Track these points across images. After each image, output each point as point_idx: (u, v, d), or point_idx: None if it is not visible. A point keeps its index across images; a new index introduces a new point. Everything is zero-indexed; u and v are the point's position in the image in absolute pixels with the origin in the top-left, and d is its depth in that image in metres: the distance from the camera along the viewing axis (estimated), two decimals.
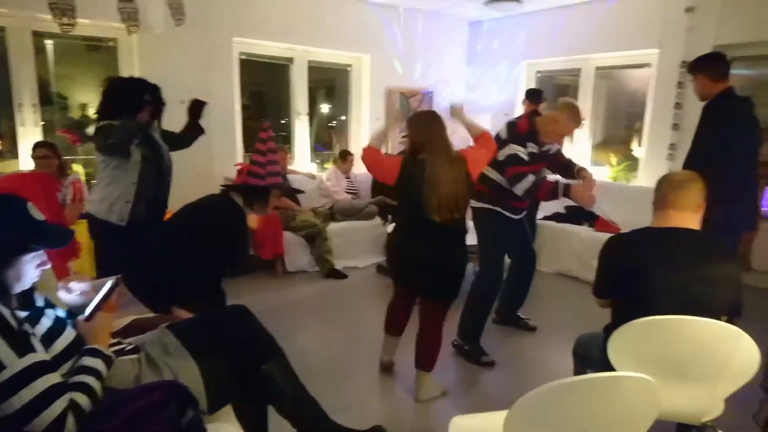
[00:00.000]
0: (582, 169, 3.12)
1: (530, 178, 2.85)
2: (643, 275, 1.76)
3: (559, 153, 3.18)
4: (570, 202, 5.15)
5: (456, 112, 2.76)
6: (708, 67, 2.90)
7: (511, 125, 3.00)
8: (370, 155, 2.54)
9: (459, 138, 2.77)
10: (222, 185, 2.58)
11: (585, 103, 5.65)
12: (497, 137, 2.97)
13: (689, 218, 1.83)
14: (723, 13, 4.37)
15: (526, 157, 2.87)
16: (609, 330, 1.82)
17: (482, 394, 2.79)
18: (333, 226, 4.81)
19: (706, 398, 1.75)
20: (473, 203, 3.12)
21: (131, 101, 2.60)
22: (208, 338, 1.74)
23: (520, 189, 2.86)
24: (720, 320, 1.69)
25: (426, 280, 2.50)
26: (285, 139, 5.67)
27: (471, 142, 2.67)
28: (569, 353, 2.24)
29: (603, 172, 5.58)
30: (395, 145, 5.92)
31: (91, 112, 2.85)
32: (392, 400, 2.69)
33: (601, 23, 5.22)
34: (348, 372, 2.90)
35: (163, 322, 1.81)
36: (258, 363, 1.76)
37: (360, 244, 4.95)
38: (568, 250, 4.69)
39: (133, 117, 2.57)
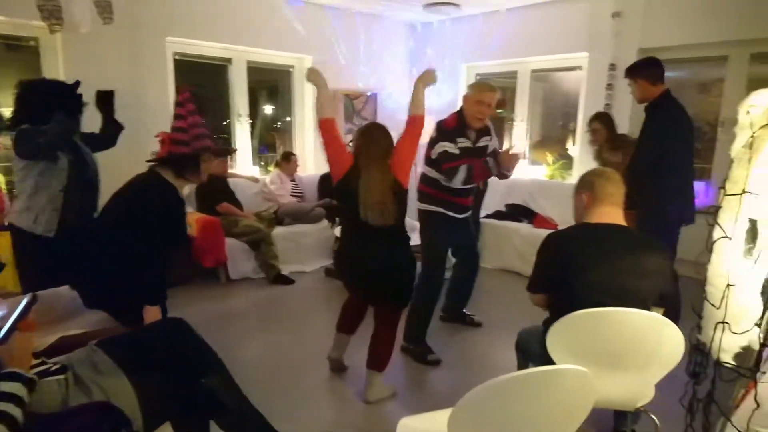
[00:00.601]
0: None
1: (463, 168, 2.91)
2: (578, 270, 1.83)
3: (495, 150, 3.22)
4: (511, 200, 5.38)
5: (427, 76, 2.74)
6: (647, 72, 3.07)
7: (440, 123, 3.05)
8: (328, 127, 2.51)
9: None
10: (148, 160, 2.34)
11: (522, 104, 5.86)
12: (430, 139, 3.04)
13: (619, 214, 1.92)
14: (647, 18, 4.65)
15: (456, 152, 2.93)
16: (548, 324, 1.88)
17: (431, 393, 2.81)
18: (278, 231, 4.72)
19: (639, 385, 1.84)
20: (418, 205, 3.17)
21: (47, 104, 2.42)
22: (143, 354, 1.66)
23: (457, 182, 2.94)
24: (650, 310, 1.79)
25: (370, 285, 2.53)
26: (226, 141, 5.51)
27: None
28: (514, 347, 2.30)
29: (540, 171, 5.80)
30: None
31: (6, 116, 2.63)
32: (342, 403, 2.66)
33: (535, 27, 5.42)
34: (296, 378, 2.84)
35: (93, 339, 1.70)
36: (197, 377, 1.69)
37: (307, 247, 4.89)
38: (510, 247, 4.84)
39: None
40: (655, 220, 3.01)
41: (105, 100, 2.89)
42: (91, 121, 2.83)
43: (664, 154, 2.97)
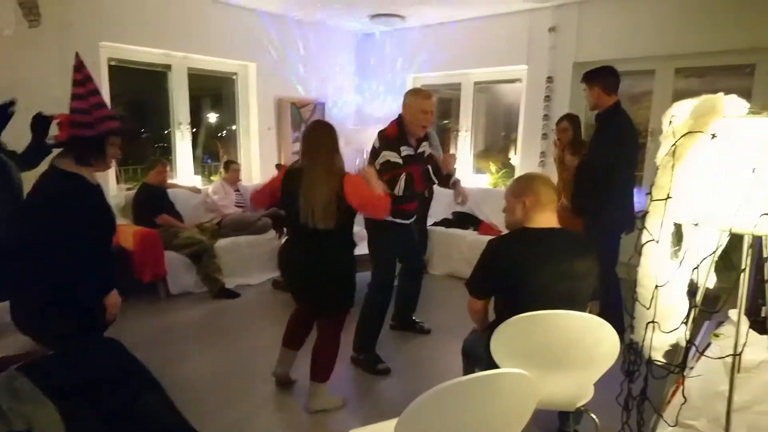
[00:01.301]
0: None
1: (402, 177, 2.91)
2: (520, 275, 1.88)
3: (431, 154, 3.23)
4: (457, 208, 5.48)
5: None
6: (603, 80, 3.13)
7: (382, 133, 3.04)
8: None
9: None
10: (50, 144, 2.12)
11: (466, 115, 6.00)
12: (372, 148, 3.04)
13: (556, 218, 1.98)
14: (580, 33, 4.90)
15: (399, 161, 2.93)
16: (492, 328, 1.92)
17: (380, 402, 2.79)
18: (222, 242, 4.57)
19: (579, 385, 1.91)
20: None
21: None
22: (72, 377, 1.55)
23: (399, 189, 2.93)
24: (585, 309, 1.86)
25: (309, 289, 2.52)
26: (166, 150, 5.30)
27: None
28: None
29: (484, 180, 5.95)
30: (289, 155, 5.82)
31: None
32: (289, 417, 2.60)
33: (477, 41, 5.58)
34: (242, 394, 2.75)
35: (13, 363, 1.57)
36: (132, 399, 1.59)
37: (253, 259, 4.76)
38: (457, 253, 4.94)
39: None
40: (600, 226, 3.14)
41: (41, 124, 2.66)
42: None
43: (611, 164, 3.09)
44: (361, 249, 4.04)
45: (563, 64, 5.03)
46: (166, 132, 5.33)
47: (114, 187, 4.74)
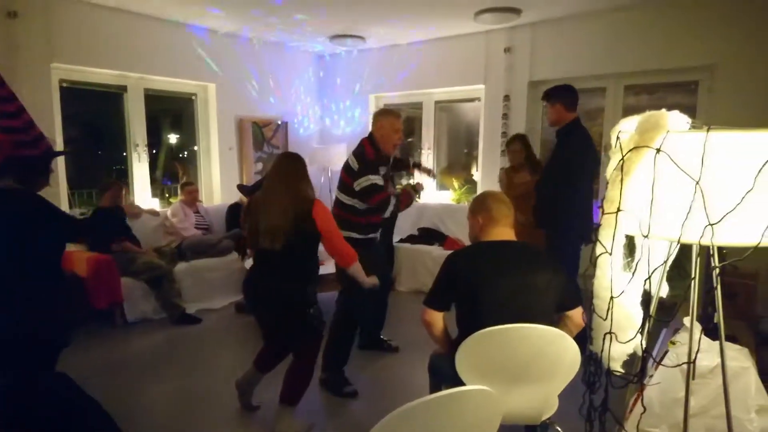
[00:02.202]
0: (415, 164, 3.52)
1: (392, 201, 2.98)
2: (475, 284, 1.90)
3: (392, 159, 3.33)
4: (422, 224, 5.55)
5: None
6: (565, 97, 3.27)
7: (362, 155, 3.03)
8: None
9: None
10: None
11: (428, 133, 6.09)
12: (348, 168, 3.03)
13: (512, 233, 2.04)
14: (534, 53, 5.06)
15: (381, 183, 2.97)
16: (456, 344, 1.91)
17: (347, 426, 2.73)
18: (181, 267, 4.44)
19: (543, 397, 1.92)
20: None
21: None
22: (17, 416, 1.45)
23: (388, 212, 2.99)
24: (552, 321, 1.88)
25: (271, 318, 2.49)
26: (122, 172, 5.14)
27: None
28: None
29: (447, 196, 6.02)
30: (251, 175, 5.75)
31: None
32: None
33: (436, 61, 5.70)
34: (203, 423, 2.65)
35: None
36: None
37: (214, 283, 4.64)
38: (423, 269, 4.97)
39: None
40: (561, 238, 3.22)
41: None
42: None
43: (571, 177, 3.19)
44: (328, 268, 4.02)
45: (519, 83, 5.18)
46: (124, 154, 5.18)
47: (66, 211, 4.55)
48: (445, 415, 1.30)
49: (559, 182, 3.24)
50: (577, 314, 1.97)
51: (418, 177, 4.00)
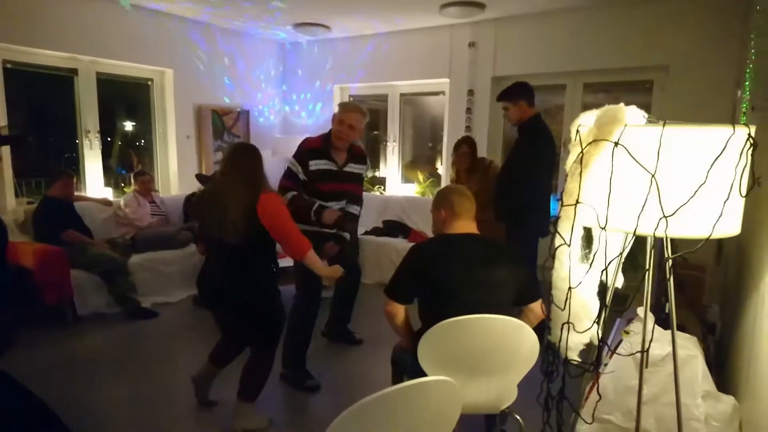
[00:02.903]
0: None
1: (289, 195, 2.87)
2: (436, 274, 1.93)
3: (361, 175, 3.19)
4: (387, 217, 5.54)
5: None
6: (527, 94, 3.35)
7: (303, 141, 2.99)
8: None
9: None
10: None
11: (393, 126, 6.08)
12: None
13: (474, 226, 2.07)
14: (497, 49, 5.12)
15: (297, 169, 2.91)
16: (418, 336, 1.92)
17: (311, 420, 2.71)
18: (136, 259, 4.28)
19: (503, 387, 1.94)
20: None
21: None
22: None
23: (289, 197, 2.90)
24: (512, 313, 1.91)
25: (224, 310, 2.44)
26: (73, 160, 4.90)
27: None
28: None
29: (412, 188, 6.04)
30: (210, 164, 5.60)
31: None
32: None
33: (401, 53, 5.68)
34: (159, 421, 2.57)
35: None
36: None
37: (171, 276, 4.49)
38: (387, 261, 4.97)
39: None
40: (520, 231, 3.27)
41: None
42: None
43: (530, 171, 3.26)
44: (287, 261, 3.95)
45: (483, 77, 5.23)
46: (77, 141, 4.93)
47: (12, 201, 4.31)
48: (406, 407, 1.29)
49: (519, 176, 3.30)
50: (537, 307, 2.01)
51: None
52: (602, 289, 1.47)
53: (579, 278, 1.37)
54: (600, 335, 1.43)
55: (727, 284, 2.86)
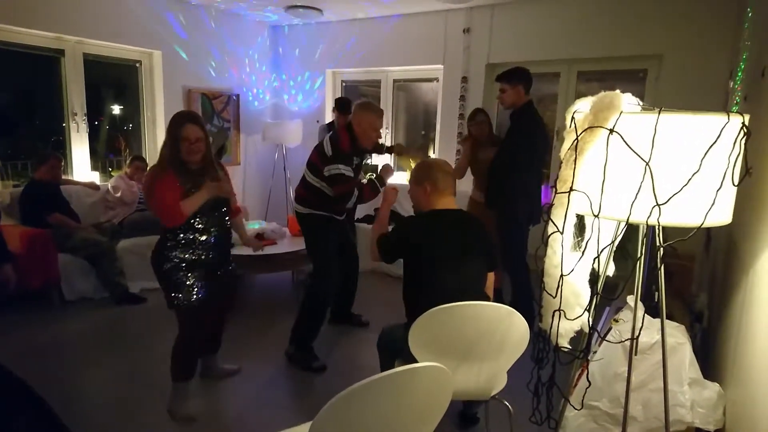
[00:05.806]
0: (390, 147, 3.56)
1: (355, 193, 2.99)
2: (423, 243, 2.07)
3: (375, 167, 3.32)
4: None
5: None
6: (525, 79, 3.31)
7: (336, 143, 2.95)
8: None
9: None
10: None
11: (386, 112, 6.02)
12: (321, 151, 2.97)
13: (453, 201, 2.22)
14: (493, 36, 5.08)
15: (351, 174, 2.95)
16: (409, 320, 1.94)
17: (318, 400, 2.70)
18: (124, 243, 4.23)
19: (493, 374, 1.95)
20: (298, 208, 3.10)
21: None
22: None
23: (350, 203, 3.05)
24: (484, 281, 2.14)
25: None
26: (59, 143, 4.82)
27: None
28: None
29: (404, 176, 6.01)
30: None
31: None
32: (198, 425, 2.45)
33: (395, 38, 5.62)
34: (145, 406, 2.56)
35: None
36: (6, 419, 1.40)
37: None
38: None
39: None
40: (508, 218, 3.28)
41: None
42: None
43: (521, 159, 3.25)
44: (278, 248, 3.96)
45: (477, 64, 5.20)
46: (63, 125, 4.83)
47: None
48: (397, 394, 1.29)
49: (510, 164, 3.30)
50: (491, 276, 2.24)
51: (387, 159, 3.87)
52: (593, 277, 1.47)
53: (571, 266, 1.37)
54: (591, 323, 1.44)
55: (716, 274, 2.89)
